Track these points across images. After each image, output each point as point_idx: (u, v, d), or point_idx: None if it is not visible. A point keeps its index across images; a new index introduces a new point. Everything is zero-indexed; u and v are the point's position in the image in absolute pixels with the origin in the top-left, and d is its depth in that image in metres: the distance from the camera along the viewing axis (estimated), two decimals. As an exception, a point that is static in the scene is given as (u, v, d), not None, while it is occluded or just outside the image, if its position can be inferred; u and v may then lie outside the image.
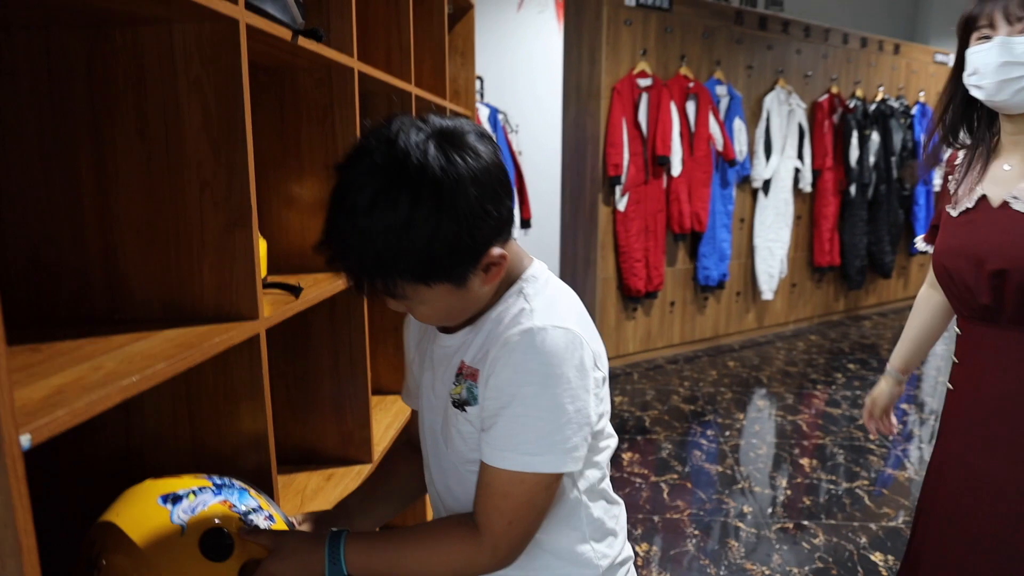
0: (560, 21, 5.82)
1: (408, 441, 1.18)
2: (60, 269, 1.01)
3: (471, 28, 2.75)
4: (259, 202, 1.41)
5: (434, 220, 0.78)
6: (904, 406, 4.08)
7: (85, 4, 0.87)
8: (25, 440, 0.57)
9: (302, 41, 1.15)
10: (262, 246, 1.28)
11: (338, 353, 1.50)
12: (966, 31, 1.25)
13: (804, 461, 3.29)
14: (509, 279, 0.92)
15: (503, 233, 0.86)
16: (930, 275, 1.52)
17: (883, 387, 1.61)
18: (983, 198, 1.24)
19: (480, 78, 4.85)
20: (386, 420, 1.77)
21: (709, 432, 3.64)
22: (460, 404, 0.91)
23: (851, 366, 4.79)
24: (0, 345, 0.55)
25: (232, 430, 1.04)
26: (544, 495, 0.87)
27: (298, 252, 1.47)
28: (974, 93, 1.23)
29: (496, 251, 0.85)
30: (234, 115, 0.96)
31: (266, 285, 1.22)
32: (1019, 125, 1.21)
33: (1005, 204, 1.20)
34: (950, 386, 1.37)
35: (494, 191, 0.82)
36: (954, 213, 1.29)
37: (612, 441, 1.00)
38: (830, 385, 4.39)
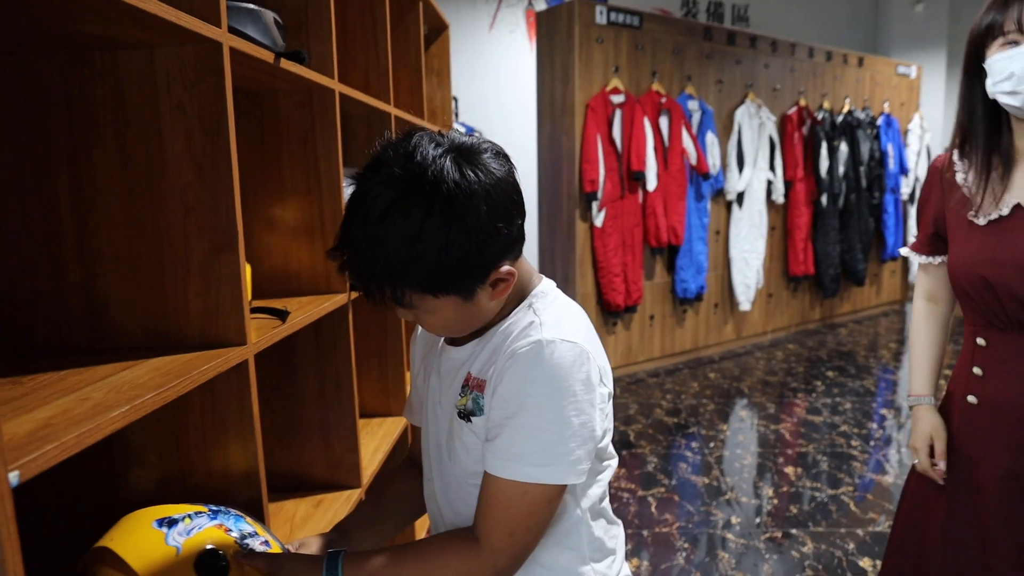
0: (532, 40, 5.87)
1: (410, 459, 1.17)
2: (38, 299, 0.99)
3: (446, 48, 2.76)
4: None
5: (444, 233, 0.79)
6: (884, 411, 4.12)
7: (63, 29, 0.85)
8: (13, 477, 0.55)
9: (284, 63, 1.14)
10: (247, 271, 1.26)
11: (324, 378, 1.48)
12: (986, 38, 1.22)
13: (789, 470, 3.31)
14: (519, 294, 0.93)
15: (513, 250, 0.88)
16: (926, 288, 1.47)
17: (932, 420, 1.39)
18: (1018, 206, 1.23)
19: (455, 98, 4.86)
20: (373, 444, 1.75)
21: (693, 444, 3.65)
22: (465, 415, 0.91)
23: (830, 373, 4.84)
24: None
25: (221, 460, 1.01)
26: (546, 508, 0.87)
27: (281, 276, 1.46)
28: (1006, 100, 1.20)
29: (505, 268, 0.86)
30: (218, 138, 0.94)
31: (252, 310, 1.20)
32: None
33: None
34: (972, 399, 1.32)
35: (505, 208, 0.84)
36: (981, 221, 1.26)
37: (614, 461, 1.00)
38: (810, 393, 4.43)
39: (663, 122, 4.69)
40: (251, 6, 1.15)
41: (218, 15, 0.93)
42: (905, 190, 6.62)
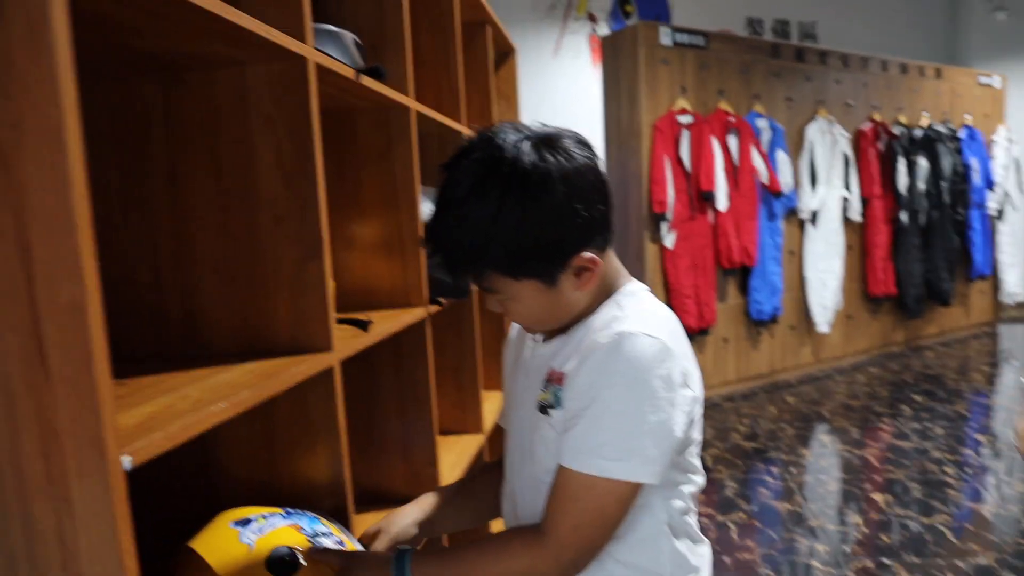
0: (596, 64, 5.90)
1: (499, 461, 1.17)
2: (139, 308, 1.04)
3: (513, 72, 2.80)
4: (323, 242, 1.44)
5: (521, 212, 0.81)
6: (979, 436, 3.89)
7: (164, 51, 0.90)
8: (126, 461, 0.57)
9: (364, 80, 1.18)
10: (331, 286, 1.29)
11: (403, 391, 1.49)
12: None
13: (877, 496, 3.15)
14: (606, 291, 0.93)
15: (595, 238, 0.87)
16: None
17: None
18: None
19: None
20: (451, 459, 1.75)
21: (773, 469, 3.52)
22: (544, 408, 0.90)
23: (917, 398, 4.61)
24: (104, 373, 0.55)
25: (309, 464, 1.03)
26: (615, 507, 0.84)
27: (362, 291, 1.48)
28: None
29: (587, 255, 0.86)
30: (305, 150, 0.98)
31: (336, 321, 1.22)
32: None
33: None
34: None
35: (584, 192, 0.84)
36: None
37: (701, 478, 0.97)
38: (896, 418, 4.23)
39: (732, 141, 4.63)
40: (332, 28, 1.19)
41: (304, 32, 0.97)
42: (992, 205, 6.31)
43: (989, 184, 6.26)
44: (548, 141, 0.84)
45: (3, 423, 0.57)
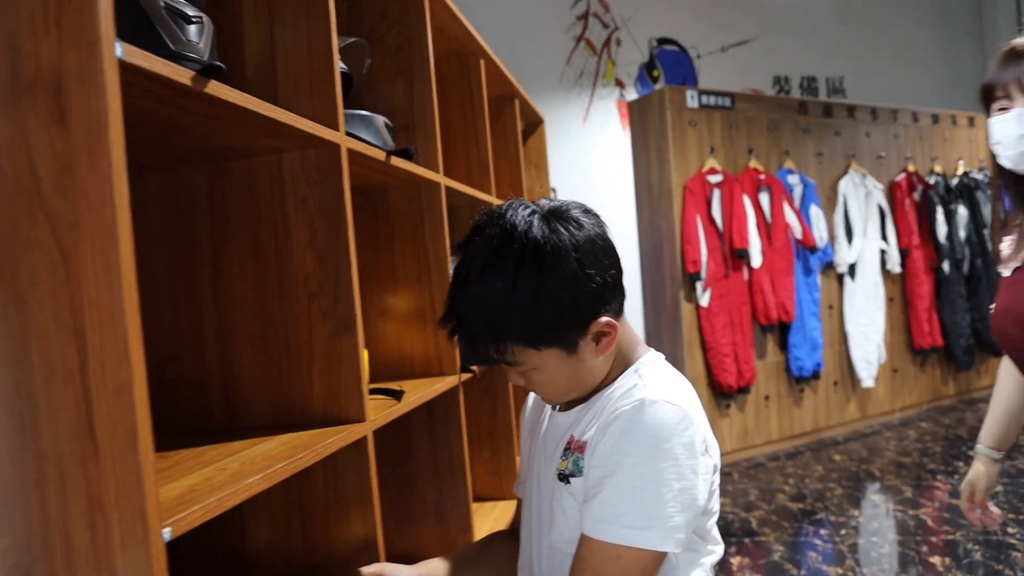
0: (625, 129, 6.02)
1: (513, 529, 1.17)
2: (182, 383, 1.09)
3: (543, 141, 2.89)
4: (357, 314, 1.49)
5: (536, 282, 0.83)
6: (1041, 494, 3.71)
7: (210, 143, 0.98)
8: (167, 533, 0.61)
9: (395, 160, 1.25)
10: (365, 356, 1.33)
11: (438, 458, 1.51)
12: (986, 100, 1.27)
13: (935, 560, 3.01)
14: (624, 361, 0.95)
15: (609, 302, 0.90)
16: None
17: (980, 469, 1.48)
18: None
19: (554, 189, 5.02)
20: (487, 526, 1.74)
21: (823, 531, 3.40)
22: (565, 477, 0.91)
23: (972, 454, 4.43)
24: (148, 451, 0.59)
25: (342, 533, 1.05)
26: None
27: (395, 360, 1.53)
28: (1001, 162, 1.24)
29: (604, 319, 0.88)
30: (338, 229, 1.03)
31: (369, 391, 1.26)
32: None
33: None
34: None
35: (595, 258, 0.87)
36: (1006, 273, 1.27)
37: (719, 547, 0.96)
38: (952, 475, 4.06)
39: (763, 198, 4.64)
40: (364, 112, 1.27)
41: (336, 121, 1.04)
42: (1038, 252, 6.16)
43: (1034, 231, 6.12)
44: (556, 213, 0.88)
45: (54, 496, 0.61)
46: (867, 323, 5.10)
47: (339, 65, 1.19)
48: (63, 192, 0.59)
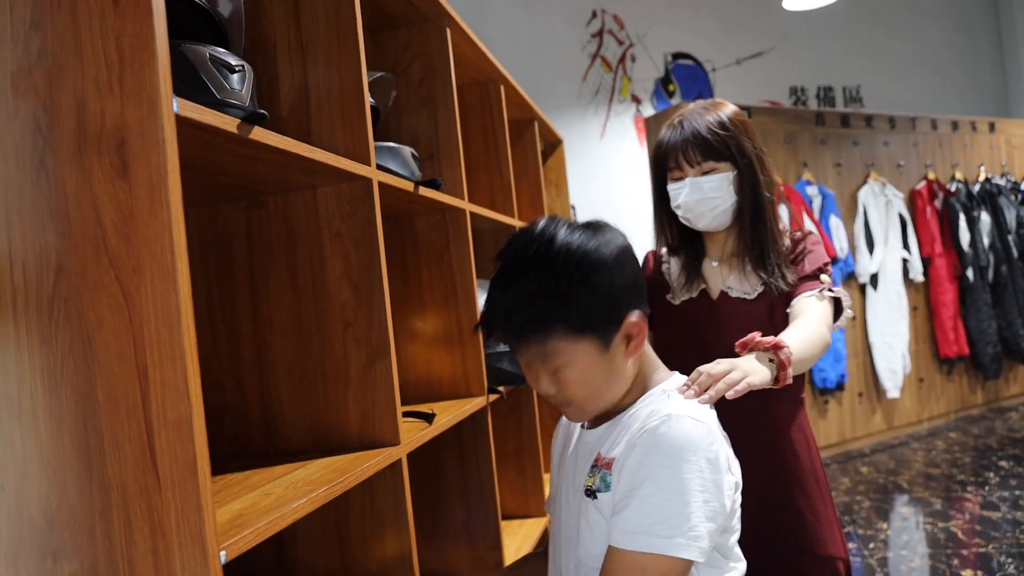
0: (642, 144, 6.06)
1: (544, 550, 1.20)
2: (224, 410, 1.13)
3: (562, 161, 2.93)
4: (386, 338, 1.53)
5: (580, 271, 0.91)
6: (1074, 504, 3.66)
7: (248, 180, 1.03)
8: (223, 555, 0.65)
9: (423, 191, 1.29)
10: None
11: (467, 478, 1.55)
12: (661, 166, 1.45)
13: (967, 573, 2.98)
14: (646, 381, 1.00)
15: (640, 300, 0.97)
16: None
17: None
18: (704, 290, 1.45)
19: (573, 205, 5.05)
20: (515, 544, 1.77)
21: (851, 545, 3.37)
22: (592, 493, 0.94)
23: (1004, 463, 4.38)
24: (206, 479, 0.63)
25: (378, 551, 1.09)
26: None
27: (424, 383, 1.56)
28: (683, 221, 1.44)
29: (636, 314, 0.95)
30: (371, 260, 1.08)
31: (402, 415, 1.30)
32: (713, 235, 1.46)
33: (723, 294, 1.43)
34: None
35: (630, 258, 0.97)
36: (676, 302, 1.47)
37: (742, 565, 0.98)
38: (983, 486, 4.01)
39: (783, 210, 4.64)
40: (392, 144, 1.32)
41: (368, 156, 1.08)
42: (1062, 257, 6.09)
43: (1060, 235, 6.06)
44: (590, 224, 0.97)
45: (118, 523, 0.65)
46: (891, 333, 5.06)
47: (369, 101, 1.24)
48: (126, 239, 0.63)
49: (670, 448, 0.86)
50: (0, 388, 0.67)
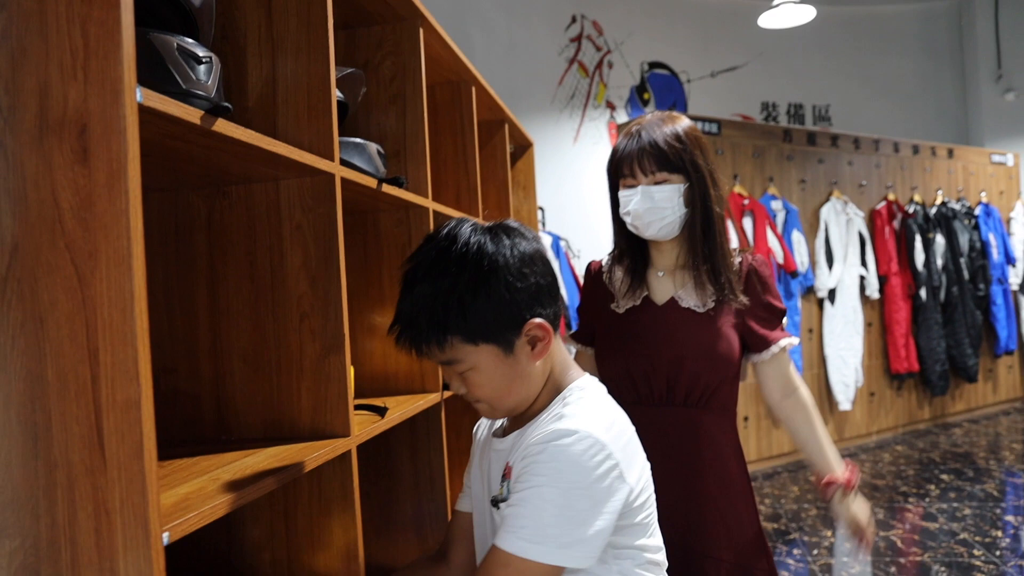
0: (613, 150, 6.13)
1: (440, 550, 1.21)
2: (177, 395, 1.14)
3: (531, 164, 2.96)
4: (345, 331, 1.55)
5: (476, 278, 0.92)
6: (1009, 518, 3.80)
7: (211, 169, 1.04)
8: (165, 537, 0.66)
9: (386, 188, 1.31)
10: (350, 372, 1.39)
11: (418, 472, 1.57)
12: (615, 173, 1.49)
13: (903, 582, 3.08)
14: (557, 385, 1.02)
15: (544, 305, 0.97)
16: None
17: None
18: (647, 298, 1.48)
19: (541, 208, 5.09)
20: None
21: (796, 551, 3.46)
22: (496, 502, 0.97)
23: (945, 477, 4.53)
24: (152, 461, 0.65)
25: (325, 541, 1.10)
26: None
27: (381, 377, 1.58)
28: (630, 228, 1.47)
29: (537, 321, 0.95)
30: (330, 254, 1.09)
31: (354, 407, 1.32)
32: (660, 244, 1.49)
33: (672, 301, 1.46)
34: None
35: (532, 263, 0.96)
36: (620, 310, 1.49)
37: (653, 555, 0.99)
38: (923, 498, 4.15)
39: (747, 223, 4.74)
40: (358, 140, 1.33)
41: (332, 151, 1.10)
42: (1014, 280, 6.30)
43: (1010, 260, 6.28)
44: (496, 227, 0.97)
45: (63, 501, 0.66)
46: (845, 347, 5.20)
47: (336, 96, 1.26)
48: (83, 223, 0.64)
49: (551, 460, 0.88)
50: (-51, 364, 0.68)
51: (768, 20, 5.80)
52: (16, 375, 0.66)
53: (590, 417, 0.93)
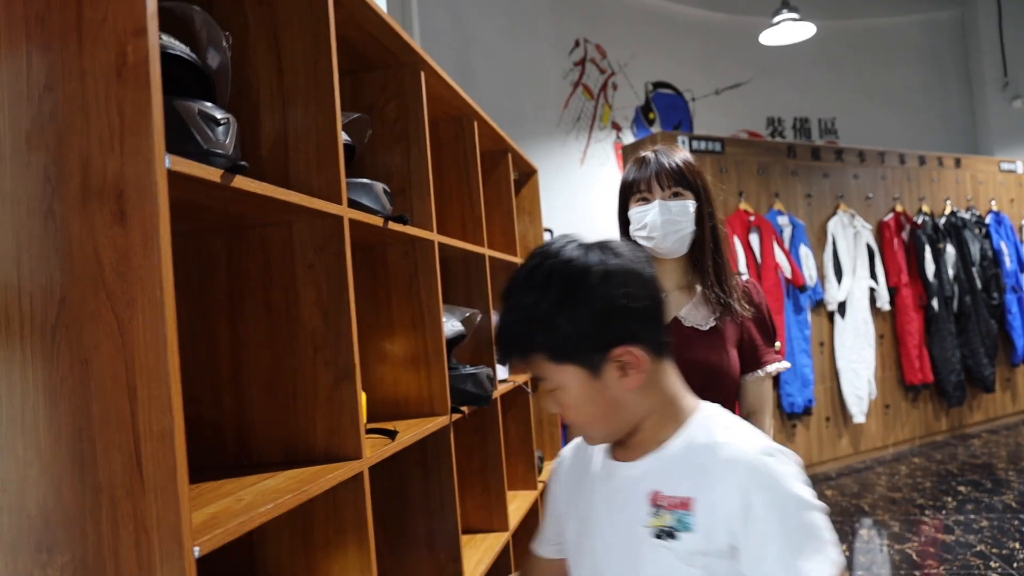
0: (622, 170, 6.22)
1: None
2: (201, 424, 1.23)
3: (536, 190, 3.05)
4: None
5: (561, 295, 0.89)
6: (1025, 529, 3.80)
7: (230, 215, 1.14)
8: (196, 551, 0.75)
9: (392, 225, 1.40)
10: (363, 398, 1.48)
11: (429, 492, 1.65)
12: (626, 194, 1.56)
13: (918, 593, 3.10)
14: (678, 409, 0.96)
15: (637, 333, 0.91)
16: None
17: None
18: None
19: (550, 230, 5.17)
20: (476, 556, 1.87)
21: (811, 566, 3.48)
22: (666, 534, 0.89)
23: (962, 488, 4.52)
24: (184, 484, 0.74)
25: (341, 558, 1.18)
26: None
27: (392, 401, 1.67)
28: (644, 243, 1.50)
29: (631, 348, 0.89)
30: (340, 290, 1.19)
31: (367, 431, 1.40)
32: (664, 264, 1.53)
33: (676, 321, 1.51)
34: None
35: (624, 284, 0.90)
36: None
37: None
38: (940, 510, 4.15)
39: (753, 239, 4.80)
40: (365, 180, 1.43)
41: (340, 195, 1.20)
42: (1028, 289, 6.30)
43: (1023, 267, 6.27)
44: (597, 243, 0.93)
45: (107, 521, 0.75)
46: (857, 360, 5.22)
47: (343, 141, 1.36)
48: (122, 276, 0.74)
49: (778, 484, 0.86)
50: (6, 402, 0.78)
51: (769, 37, 5.90)
52: (65, 410, 0.76)
53: (761, 436, 0.94)
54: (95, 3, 0.76)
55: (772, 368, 1.56)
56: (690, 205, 1.51)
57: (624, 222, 1.58)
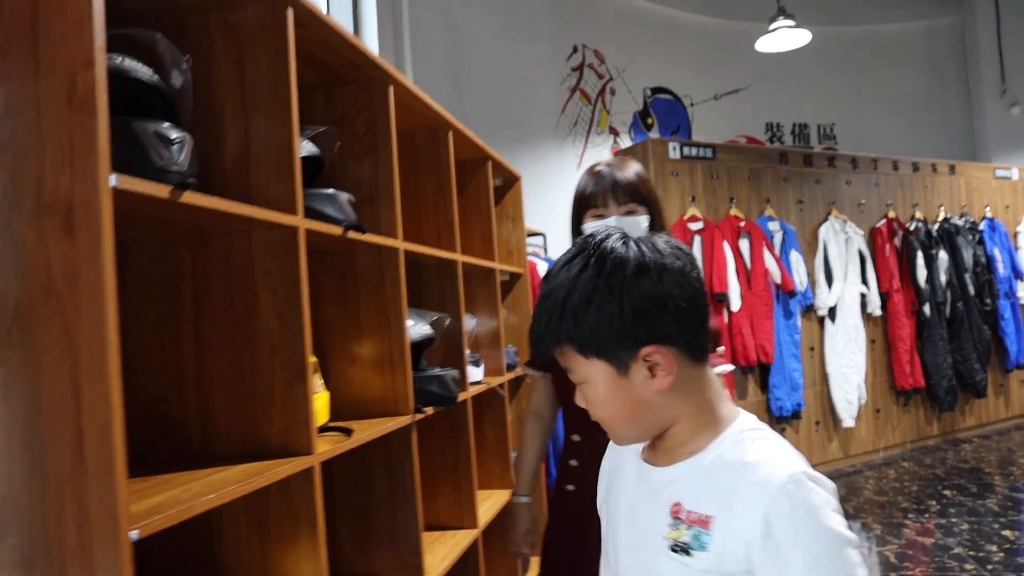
0: (616, 175, 6.28)
1: None
2: (168, 421, 1.31)
3: (519, 196, 3.12)
4: (325, 360, 1.72)
5: (592, 286, 0.84)
6: (1006, 533, 3.84)
7: (195, 224, 1.22)
8: (134, 534, 0.83)
9: (351, 234, 1.48)
10: (325, 397, 1.56)
11: (394, 488, 1.72)
12: (581, 208, 1.60)
13: (893, 595, 3.15)
14: (717, 420, 0.91)
15: (672, 334, 0.86)
16: (534, 403, 1.78)
17: (527, 516, 1.76)
18: None
19: (543, 234, 5.25)
20: (443, 551, 1.94)
21: (791, 567, 3.54)
22: (682, 549, 0.86)
23: (947, 492, 4.56)
24: (122, 472, 0.81)
25: (294, 549, 1.26)
26: None
27: (359, 401, 1.74)
28: None
29: (656, 347, 0.85)
30: (295, 295, 1.26)
31: (326, 428, 1.48)
32: None
33: None
34: (571, 487, 1.60)
35: (659, 281, 0.85)
36: None
37: None
38: (922, 514, 4.19)
39: (743, 244, 4.86)
40: (330, 191, 1.51)
41: (295, 206, 1.27)
42: (1023, 294, 6.32)
43: (1017, 274, 6.29)
44: (643, 238, 0.89)
45: (54, 506, 0.83)
46: (847, 364, 5.26)
47: (303, 154, 1.44)
48: (70, 285, 0.82)
49: (811, 516, 0.80)
50: (-34, 397, 0.86)
51: (765, 44, 5.95)
52: (18, 405, 0.84)
53: (798, 457, 0.87)
54: (50, 37, 0.84)
55: (718, 370, 1.62)
56: (643, 221, 1.57)
57: (577, 234, 1.65)
